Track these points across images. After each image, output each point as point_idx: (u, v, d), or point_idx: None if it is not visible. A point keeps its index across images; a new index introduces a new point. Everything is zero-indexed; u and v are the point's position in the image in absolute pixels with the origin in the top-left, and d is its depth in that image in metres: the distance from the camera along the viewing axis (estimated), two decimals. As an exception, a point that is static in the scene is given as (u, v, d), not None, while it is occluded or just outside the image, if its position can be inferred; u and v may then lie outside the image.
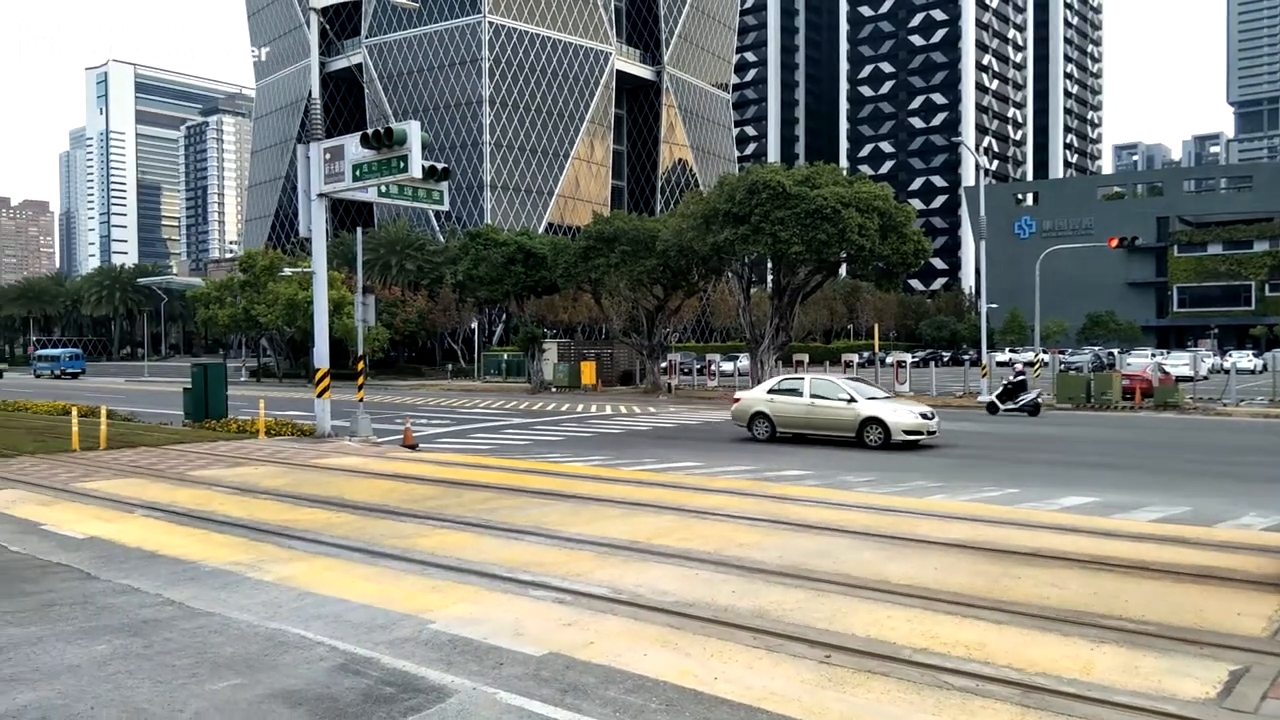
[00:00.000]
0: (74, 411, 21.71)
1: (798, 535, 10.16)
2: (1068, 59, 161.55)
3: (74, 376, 70.10)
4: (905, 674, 5.88)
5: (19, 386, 53.42)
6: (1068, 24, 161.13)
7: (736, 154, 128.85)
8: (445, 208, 22.21)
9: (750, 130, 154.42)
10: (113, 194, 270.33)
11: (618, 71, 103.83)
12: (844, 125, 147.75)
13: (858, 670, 5.96)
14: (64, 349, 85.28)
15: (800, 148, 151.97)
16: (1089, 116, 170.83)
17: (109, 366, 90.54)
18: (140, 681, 5.75)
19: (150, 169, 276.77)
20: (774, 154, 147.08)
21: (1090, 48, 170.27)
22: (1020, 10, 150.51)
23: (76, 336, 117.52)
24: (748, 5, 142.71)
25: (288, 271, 56.27)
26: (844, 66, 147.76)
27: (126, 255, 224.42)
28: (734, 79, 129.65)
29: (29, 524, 11.20)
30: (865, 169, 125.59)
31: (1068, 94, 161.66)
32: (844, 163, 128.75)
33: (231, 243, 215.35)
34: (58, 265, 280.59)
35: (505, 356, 57.30)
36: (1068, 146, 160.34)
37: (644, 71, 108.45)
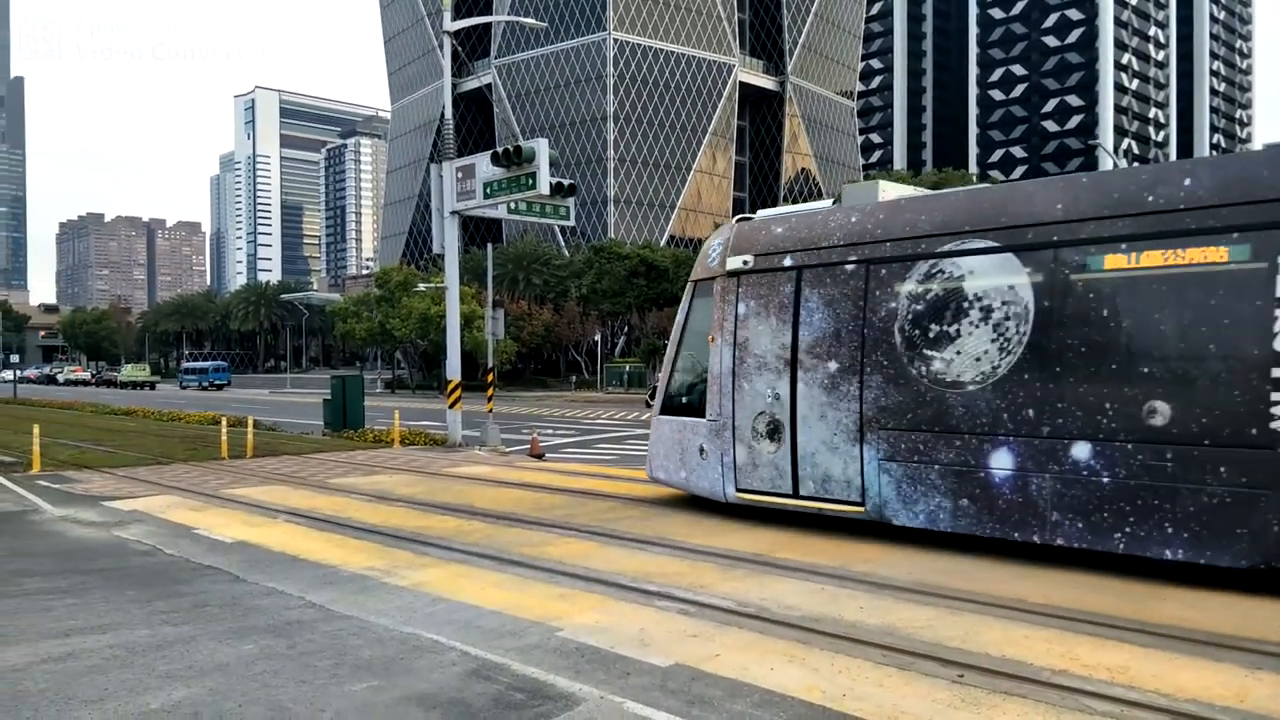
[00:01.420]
0: (223, 422, 22.86)
1: (926, 551, 9.91)
2: (1214, 55, 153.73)
3: (219, 388, 73.62)
4: (1044, 696, 5.66)
5: (170, 397, 56.57)
6: (1213, 18, 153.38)
7: (861, 162, 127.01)
8: (571, 223, 22.59)
9: (875, 138, 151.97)
10: (258, 214, 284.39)
11: (741, 83, 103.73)
12: (973, 130, 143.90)
13: (992, 691, 5.77)
14: (210, 362, 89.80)
15: (928, 154, 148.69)
16: (1237, 115, 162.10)
17: (254, 379, 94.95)
18: (285, 681, 6.01)
19: (293, 190, 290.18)
20: (900, 161, 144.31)
21: (1238, 42, 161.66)
22: (1162, 6, 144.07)
23: (225, 350, 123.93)
24: (874, 13, 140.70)
25: (421, 287, 58.09)
26: (973, 70, 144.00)
27: (271, 273, 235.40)
28: (859, 86, 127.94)
29: (182, 528, 11.83)
30: (996, 174, 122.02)
31: (1214, 91, 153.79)
32: (974, 168, 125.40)
33: (368, 259, 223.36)
34: (208, 283, 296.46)
35: (627, 368, 57.81)
36: (1214, 146, 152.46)
37: (767, 82, 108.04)
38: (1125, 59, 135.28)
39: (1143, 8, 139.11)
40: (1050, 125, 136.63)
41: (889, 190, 12.11)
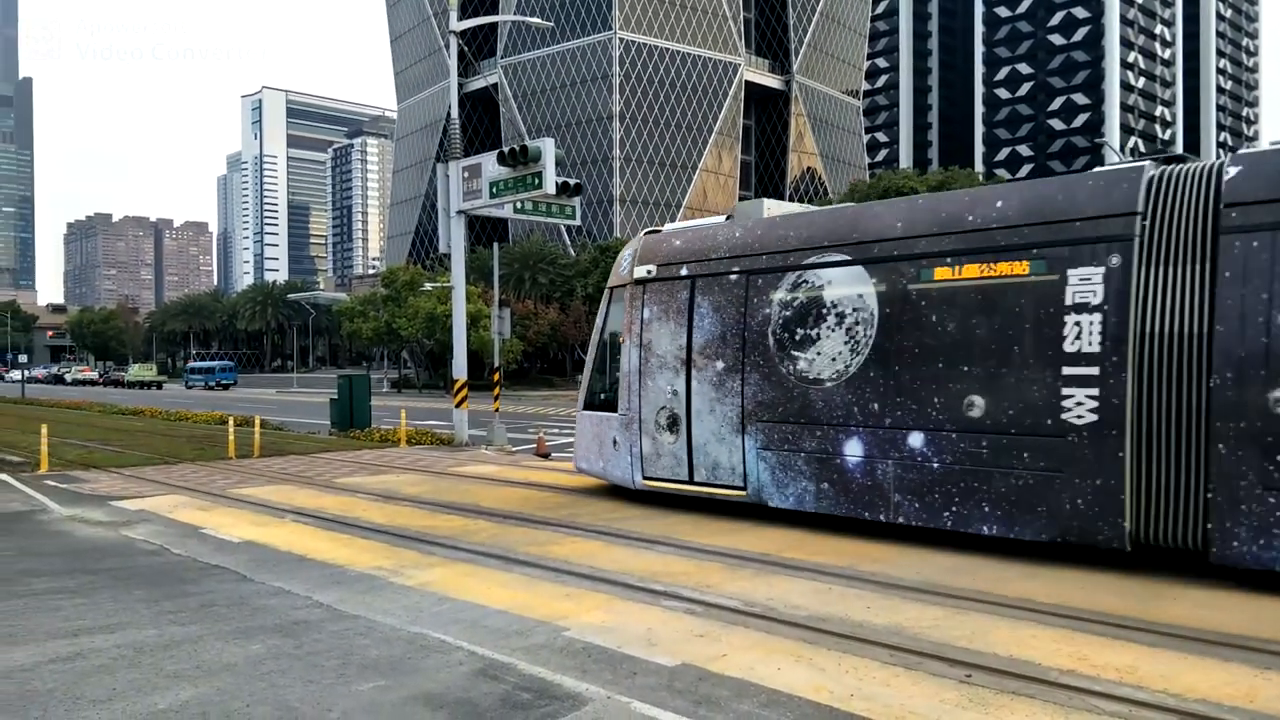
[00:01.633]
0: (230, 421, 22.90)
1: (934, 550, 9.90)
2: (1220, 53, 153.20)
3: (225, 388, 73.66)
4: (1052, 696, 5.65)
5: (177, 397, 56.71)
6: (1220, 17, 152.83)
7: (867, 161, 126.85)
8: (577, 222, 22.58)
9: (881, 137, 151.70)
10: (265, 214, 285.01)
11: (746, 82, 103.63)
12: (979, 129, 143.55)
13: (1000, 691, 5.76)
14: (216, 361, 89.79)
15: (934, 153, 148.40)
16: (1244, 113, 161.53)
17: (261, 378, 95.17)
18: (292, 681, 6.02)
19: (299, 190, 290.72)
20: (905, 160, 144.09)
21: (1245, 40, 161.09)
22: (1168, 5, 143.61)
23: (232, 350, 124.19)
24: (879, 11, 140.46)
25: (428, 286, 58.02)
26: (979, 69, 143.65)
27: (277, 272, 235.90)
28: (865, 85, 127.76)
29: (190, 528, 11.86)
30: (1002, 173, 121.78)
31: (1220, 90, 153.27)
32: (979, 167, 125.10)
33: (374, 259, 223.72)
34: (215, 283, 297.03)
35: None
36: (1221, 145, 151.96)
37: (773, 81, 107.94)
38: (1132, 57, 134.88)
39: (1149, 6, 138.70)
40: (1056, 124, 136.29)
41: (773, 208, 13.09)
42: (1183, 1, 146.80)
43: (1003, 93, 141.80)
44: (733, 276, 12.18)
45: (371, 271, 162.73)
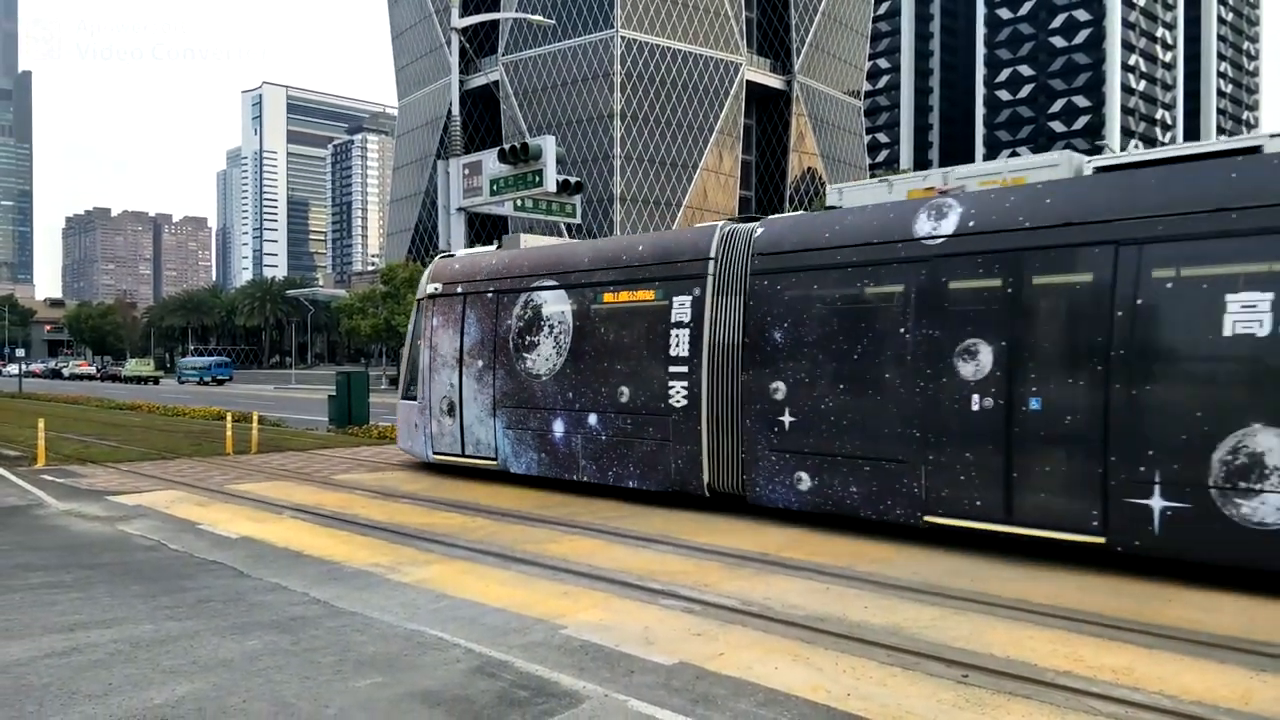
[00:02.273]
0: (228, 417, 22.89)
1: (931, 551, 9.90)
2: (1221, 56, 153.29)
3: (220, 384, 73.37)
4: (1048, 697, 5.66)
5: (176, 393, 56.68)
6: (1221, 20, 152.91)
7: (868, 161, 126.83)
8: (577, 220, 22.58)
9: (882, 137, 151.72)
10: (265, 210, 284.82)
11: (747, 82, 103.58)
12: (980, 130, 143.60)
13: (997, 691, 5.76)
14: (212, 357, 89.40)
15: (934, 154, 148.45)
16: (1244, 116, 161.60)
17: (259, 374, 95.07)
18: (288, 677, 6.01)
19: (299, 186, 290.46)
20: (906, 161, 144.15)
21: (1246, 44, 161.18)
22: (1170, 8, 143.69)
23: (230, 345, 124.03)
24: (881, 12, 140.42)
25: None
26: (980, 71, 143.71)
27: (276, 268, 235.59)
28: (866, 86, 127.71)
29: (187, 523, 11.85)
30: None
31: (1221, 93, 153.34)
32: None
33: (373, 256, 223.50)
34: (214, 278, 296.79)
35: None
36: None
37: (774, 81, 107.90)
38: (1133, 60, 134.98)
39: (1150, 9, 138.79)
40: (1057, 126, 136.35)
41: (529, 241, 16.64)
42: (1184, 4, 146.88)
43: (1004, 94, 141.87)
44: (489, 294, 15.48)
45: (371, 268, 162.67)
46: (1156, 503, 8.60)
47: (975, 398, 9.79)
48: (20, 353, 73.70)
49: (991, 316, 9.81)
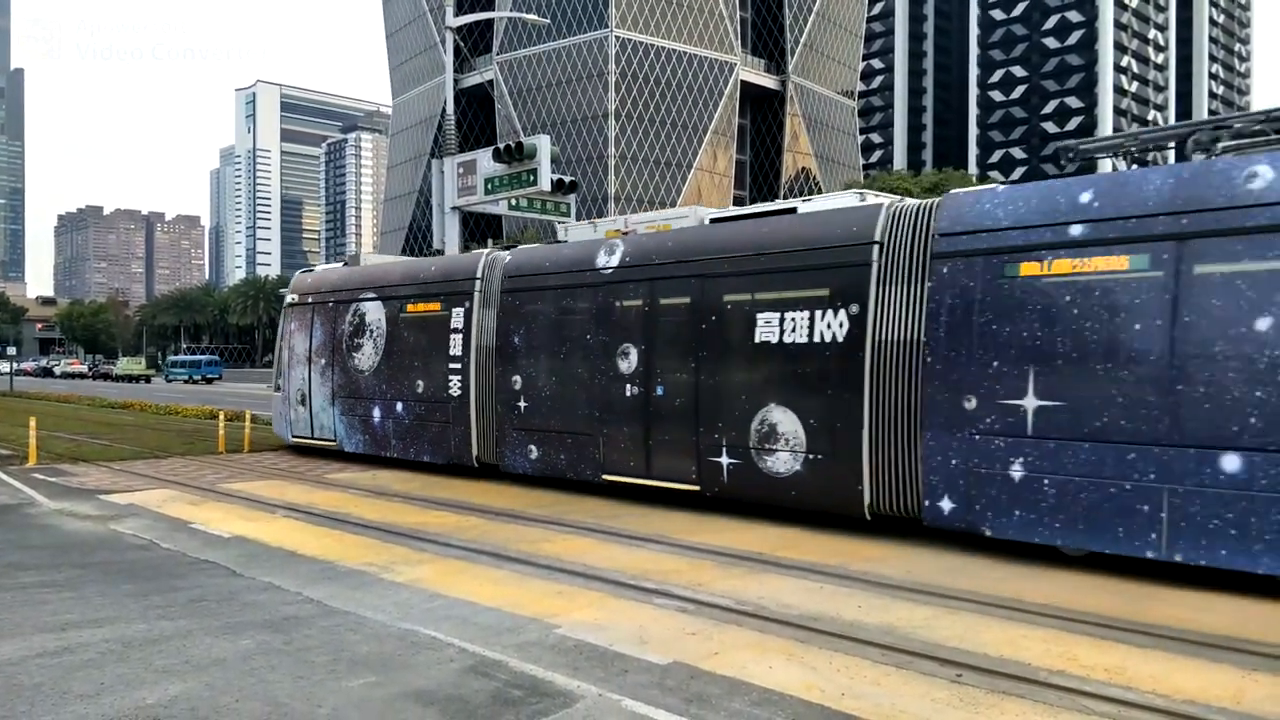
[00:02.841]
0: (220, 416, 22.82)
1: (925, 550, 9.91)
2: (1213, 58, 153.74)
3: (209, 382, 72.82)
4: (1041, 696, 5.66)
5: (170, 391, 56.50)
6: (1213, 22, 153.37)
7: (861, 161, 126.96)
8: (572, 220, 22.56)
9: (876, 138, 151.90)
10: (258, 208, 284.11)
11: (742, 81, 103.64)
12: (973, 131, 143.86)
13: (990, 690, 5.77)
14: (202, 355, 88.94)
15: (928, 154, 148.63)
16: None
17: (252, 373, 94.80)
18: (281, 677, 5.99)
19: (293, 184, 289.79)
20: (900, 161, 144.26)
21: (1237, 46, 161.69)
22: (1162, 9, 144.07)
23: (223, 344, 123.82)
24: (875, 12, 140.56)
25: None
26: (974, 71, 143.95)
27: (270, 267, 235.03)
28: (860, 86, 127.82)
29: (179, 522, 11.81)
30: (997, 175, 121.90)
31: (1213, 95, 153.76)
32: (973, 169, 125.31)
33: (367, 254, 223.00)
34: (207, 277, 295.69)
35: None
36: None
37: (768, 81, 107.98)
38: (1125, 61, 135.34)
39: (1143, 10, 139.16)
40: (1050, 126, 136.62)
41: (370, 260, 19.85)
42: (1176, 6, 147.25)
43: (997, 95, 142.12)
44: (330, 304, 18.51)
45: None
46: (724, 460, 12.00)
47: (629, 387, 13.15)
48: (12, 351, 73.36)
49: (637, 326, 13.14)
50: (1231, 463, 8.17)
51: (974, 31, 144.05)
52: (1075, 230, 9.20)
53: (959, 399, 9.81)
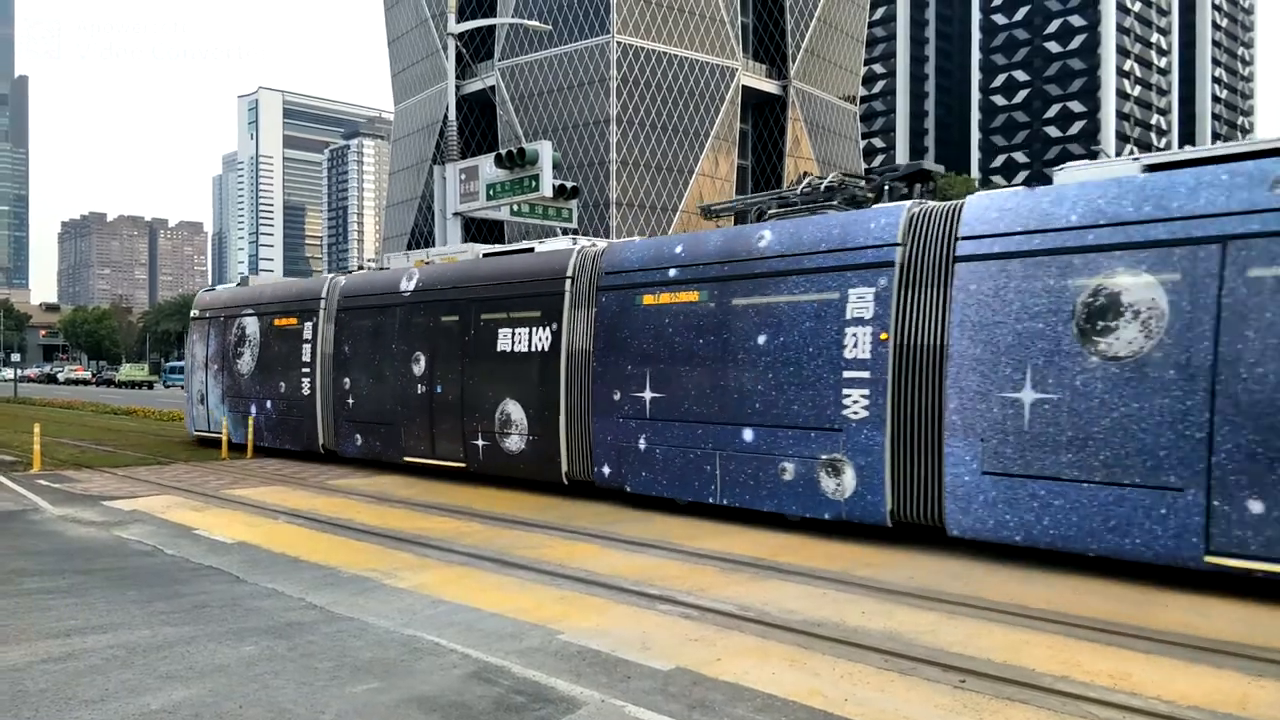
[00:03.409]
0: (224, 421, 22.82)
1: (927, 555, 9.91)
2: (1216, 62, 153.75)
3: None
4: (1045, 702, 5.66)
5: (167, 398, 56.52)
6: (1216, 26, 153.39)
7: (863, 166, 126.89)
8: (573, 225, 22.58)
9: (878, 142, 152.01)
10: (261, 214, 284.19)
11: (743, 87, 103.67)
12: (975, 136, 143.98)
13: (994, 697, 5.77)
14: None
15: (930, 159, 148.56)
16: (1239, 122, 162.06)
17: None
18: (285, 682, 6.00)
19: (295, 190, 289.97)
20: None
21: (1240, 49, 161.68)
22: (1164, 13, 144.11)
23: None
24: (877, 18, 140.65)
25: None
26: (976, 76, 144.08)
27: (272, 273, 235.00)
28: (862, 91, 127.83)
29: (183, 528, 11.83)
30: (999, 179, 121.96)
31: (1216, 99, 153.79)
32: (975, 174, 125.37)
33: (369, 260, 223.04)
34: (209, 282, 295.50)
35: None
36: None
37: (770, 86, 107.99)
38: (1128, 65, 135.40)
39: (1145, 15, 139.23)
40: (1053, 130, 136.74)
41: (254, 280, 23.25)
42: (1179, 11, 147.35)
43: (999, 99, 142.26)
44: (221, 318, 21.95)
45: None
46: (480, 442, 15.38)
47: (419, 386, 16.53)
48: (15, 357, 73.40)
49: (426, 338, 16.52)
50: (748, 434, 11.67)
51: (976, 36, 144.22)
52: (671, 272, 12.76)
53: (611, 392, 13.37)
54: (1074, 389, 8.96)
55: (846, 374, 10.73)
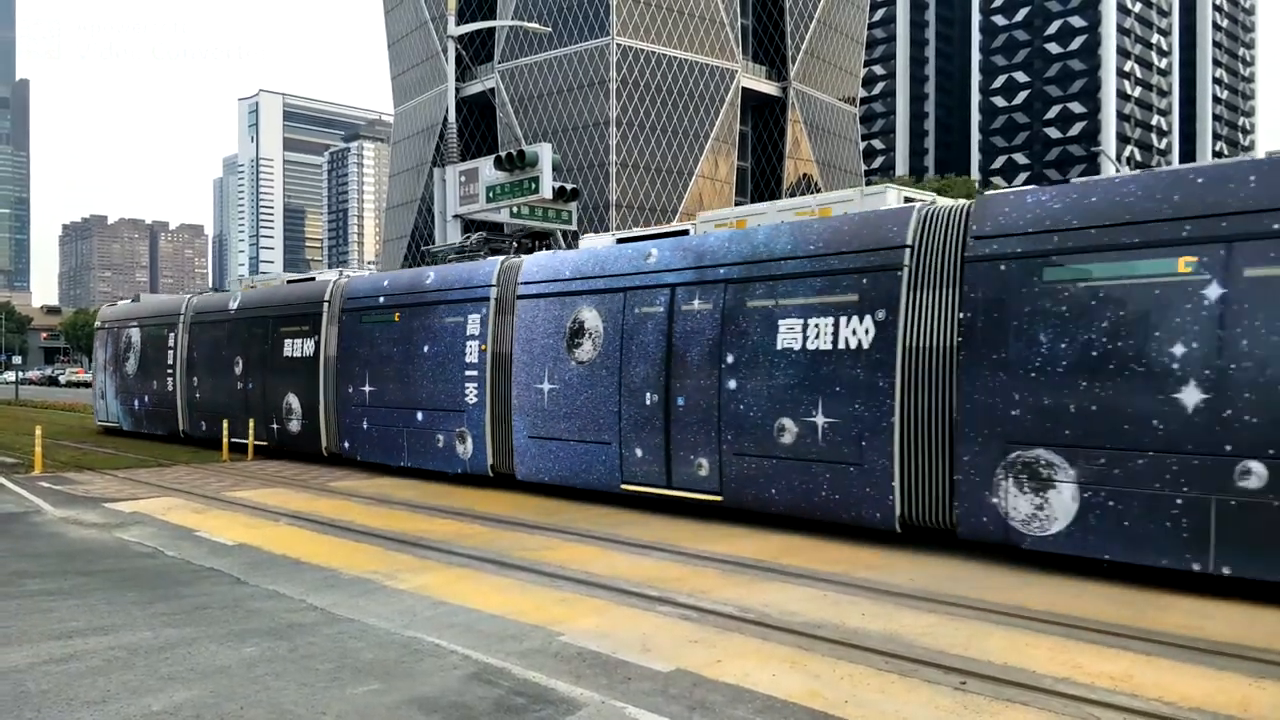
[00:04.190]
0: (224, 423, 22.83)
1: (928, 557, 9.91)
2: (1216, 63, 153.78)
3: None
4: (1046, 704, 5.66)
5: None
6: (1216, 26, 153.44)
7: (863, 168, 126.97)
8: (573, 228, 22.55)
9: (878, 144, 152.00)
10: (261, 217, 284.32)
11: (743, 88, 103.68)
12: (975, 137, 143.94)
13: (995, 698, 5.77)
14: None
15: (930, 160, 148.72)
16: (1240, 122, 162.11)
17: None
18: (286, 684, 6.01)
19: (295, 193, 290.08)
20: (902, 167, 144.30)
21: (1241, 50, 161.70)
22: (1165, 14, 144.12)
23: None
24: (876, 19, 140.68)
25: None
26: (976, 77, 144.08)
27: (271, 275, 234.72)
28: (862, 93, 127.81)
29: (184, 530, 11.84)
30: (999, 181, 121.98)
31: (1216, 99, 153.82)
32: (975, 175, 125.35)
33: (369, 262, 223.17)
34: (210, 285, 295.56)
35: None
36: (1217, 154, 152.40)
37: (770, 88, 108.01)
38: (1128, 66, 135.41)
39: (1145, 15, 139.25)
40: (1053, 132, 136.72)
41: (151, 296, 27.36)
42: (1180, 11, 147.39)
43: (999, 101, 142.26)
44: (115, 329, 26.18)
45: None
46: (276, 426, 20.02)
47: (239, 384, 21.02)
48: (17, 360, 73.35)
49: (244, 347, 20.87)
50: (420, 415, 16.36)
51: (976, 37, 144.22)
52: (381, 300, 17.51)
53: (347, 387, 18.05)
54: (566, 381, 13.80)
55: (467, 373, 15.53)
